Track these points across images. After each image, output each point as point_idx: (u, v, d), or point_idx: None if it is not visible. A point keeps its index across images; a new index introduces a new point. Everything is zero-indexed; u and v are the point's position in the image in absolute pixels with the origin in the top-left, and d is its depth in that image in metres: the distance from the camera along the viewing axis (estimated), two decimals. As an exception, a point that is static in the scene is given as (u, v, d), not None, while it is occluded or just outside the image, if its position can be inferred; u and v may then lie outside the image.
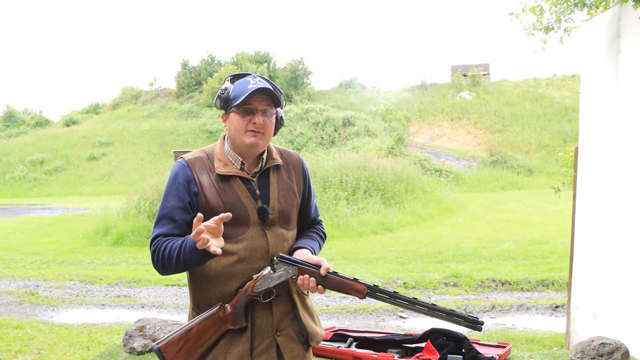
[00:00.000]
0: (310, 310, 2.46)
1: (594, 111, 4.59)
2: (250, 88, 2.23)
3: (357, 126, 32.68)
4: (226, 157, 2.33)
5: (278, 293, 2.30)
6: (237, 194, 2.28)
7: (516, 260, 9.69)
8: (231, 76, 2.38)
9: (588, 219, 4.64)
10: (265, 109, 2.27)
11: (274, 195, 2.34)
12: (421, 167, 25.55)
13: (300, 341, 2.37)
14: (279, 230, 2.33)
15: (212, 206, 2.24)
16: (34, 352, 5.64)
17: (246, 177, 2.31)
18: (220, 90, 2.31)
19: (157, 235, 2.24)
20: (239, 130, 2.26)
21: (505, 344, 4.83)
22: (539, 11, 5.11)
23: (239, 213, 2.25)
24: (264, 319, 2.28)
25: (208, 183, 2.27)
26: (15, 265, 10.85)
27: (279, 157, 2.43)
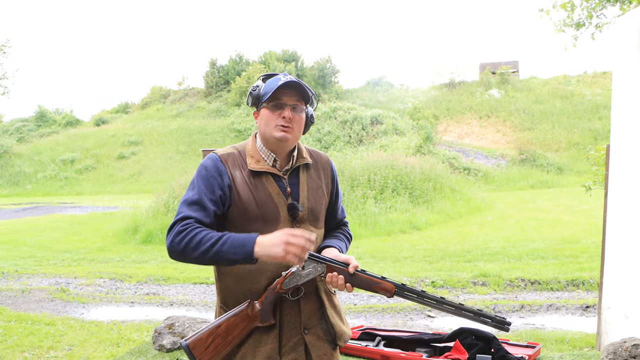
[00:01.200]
0: (338, 309, 2.45)
1: (627, 108, 4.52)
2: (280, 83, 2.24)
3: (385, 124, 32.60)
4: (258, 154, 2.34)
5: (306, 291, 2.30)
6: (269, 190, 2.28)
7: (546, 260, 9.58)
8: (263, 76, 2.39)
9: (620, 217, 4.57)
10: (295, 104, 2.28)
11: (303, 192, 2.35)
12: (449, 165, 25.41)
13: (328, 340, 2.37)
14: (309, 228, 2.33)
15: (244, 202, 2.24)
16: (65, 348, 5.71)
17: (277, 174, 2.32)
18: (252, 88, 2.33)
19: (187, 217, 2.16)
20: (269, 125, 2.27)
21: (534, 344, 4.78)
22: (570, 7, 5.05)
23: (270, 209, 2.26)
24: (292, 317, 2.29)
25: (240, 179, 2.27)
26: (47, 263, 10.99)
27: (308, 156, 2.44)
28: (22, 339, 5.97)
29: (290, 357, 2.28)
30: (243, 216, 2.25)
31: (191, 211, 2.18)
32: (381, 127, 32.51)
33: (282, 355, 2.26)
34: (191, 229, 2.13)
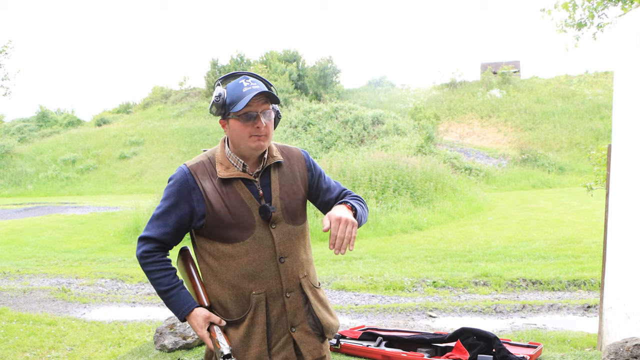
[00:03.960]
0: (324, 302, 2.48)
1: (628, 108, 4.51)
2: (246, 92, 2.23)
3: (386, 124, 32.56)
4: (227, 160, 2.34)
5: (290, 290, 2.33)
6: (240, 196, 2.30)
7: (547, 260, 9.58)
8: (221, 79, 2.37)
9: (621, 217, 4.56)
10: (264, 110, 2.27)
11: (275, 192, 2.35)
12: (451, 165, 25.36)
13: (316, 334, 2.40)
14: (286, 227, 2.34)
15: (217, 211, 2.27)
16: (67, 348, 5.71)
17: (248, 178, 2.32)
18: (214, 97, 2.28)
19: (148, 237, 2.35)
20: (243, 137, 2.27)
21: (536, 344, 4.78)
22: (572, 7, 5.05)
23: (243, 215, 2.28)
24: (278, 317, 2.32)
25: (211, 188, 2.30)
26: (48, 263, 11.01)
27: (279, 154, 2.43)
28: (24, 339, 5.98)
29: (281, 357, 2.32)
30: (218, 225, 2.29)
31: (150, 229, 2.35)
32: (382, 127, 32.48)
33: (272, 355, 2.31)
34: (150, 262, 2.34)
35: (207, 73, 46.48)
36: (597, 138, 31.43)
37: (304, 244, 2.44)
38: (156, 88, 50.83)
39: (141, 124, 41.61)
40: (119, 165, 36.16)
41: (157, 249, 2.35)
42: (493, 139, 34.44)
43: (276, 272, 2.31)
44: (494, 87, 40.44)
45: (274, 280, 2.31)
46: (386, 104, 38.84)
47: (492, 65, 44.65)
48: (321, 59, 42.72)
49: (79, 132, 42.06)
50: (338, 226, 2.15)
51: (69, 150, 38.22)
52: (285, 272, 2.32)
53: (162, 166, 34.60)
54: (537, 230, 12.80)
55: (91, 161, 36.61)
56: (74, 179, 34.94)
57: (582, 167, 27.79)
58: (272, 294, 2.30)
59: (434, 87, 43.25)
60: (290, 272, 2.34)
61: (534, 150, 31.08)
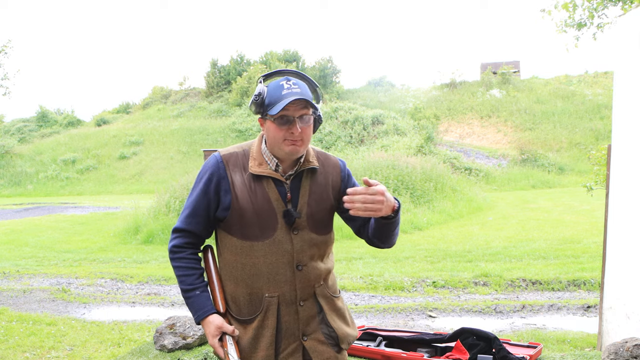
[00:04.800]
0: (341, 312, 2.42)
1: (628, 108, 4.51)
2: (284, 95, 2.17)
3: (386, 125, 32.59)
4: (261, 157, 2.29)
5: (304, 298, 2.29)
6: (268, 195, 2.25)
7: (547, 260, 9.58)
8: (263, 76, 2.31)
9: (621, 217, 4.56)
10: (302, 115, 2.19)
11: (304, 198, 2.29)
12: (451, 165, 25.38)
13: (330, 343, 2.35)
14: (309, 235, 2.29)
15: (242, 206, 2.23)
16: (67, 348, 5.71)
17: (279, 179, 2.27)
18: (254, 96, 2.24)
19: (180, 229, 2.34)
20: (277, 140, 2.21)
21: (536, 344, 4.78)
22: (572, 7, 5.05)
23: (267, 215, 2.24)
24: (290, 324, 2.28)
25: (240, 181, 2.26)
26: (48, 263, 11.00)
27: (315, 160, 2.36)
28: (24, 339, 5.98)
29: None
30: (241, 220, 2.25)
31: (182, 221, 2.34)
32: (382, 127, 32.50)
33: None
34: (178, 258, 2.34)
35: (207, 73, 46.51)
36: (597, 138, 31.44)
37: (325, 253, 2.39)
38: (156, 88, 50.85)
39: (141, 124, 41.61)
40: (118, 165, 36.17)
41: (188, 244, 2.33)
42: (493, 139, 34.45)
43: (292, 278, 2.26)
44: (493, 87, 40.46)
45: (288, 286, 2.26)
46: (386, 104, 38.86)
47: (492, 65, 44.66)
48: (321, 59, 42.81)
49: (79, 132, 42.07)
50: (372, 195, 2.08)
51: (69, 150, 38.23)
52: (301, 280, 2.28)
53: (162, 166, 34.62)
54: (537, 231, 12.80)
55: (91, 161, 36.62)
56: (74, 179, 34.96)
57: (582, 167, 27.81)
58: (285, 299, 2.27)
59: (434, 87, 43.27)
60: (306, 280, 2.29)
61: (534, 150, 31.11)
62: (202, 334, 5.01)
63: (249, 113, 37.36)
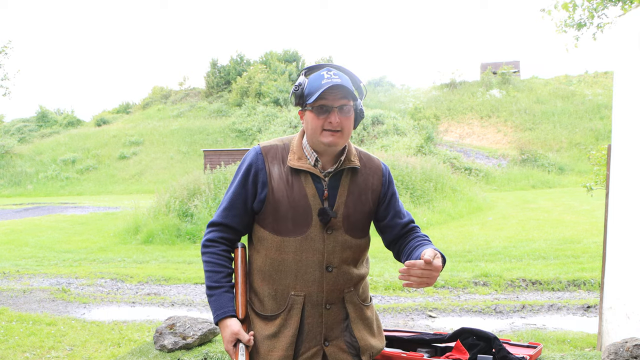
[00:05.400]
0: (369, 322, 2.35)
1: (628, 108, 4.51)
2: (324, 84, 2.12)
3: (386, 125, 32.58)
4: (301, 151, 2.24)
5: (331, 302, 2.23)
6: (305, 190, 2.20)
7: (547, 260, 9.58)
8: (306, 69, 2.27)
9: (621, 217, 4.56)
10: (342, 105, 2.14)
11: (341, 198, 2.23)
12: (450, 165, 25.38)
13: (352, 353, 2.28)
14: (343, 237, 2.23)
15: (277, 198, 2.19)
16: (67, 348, 5.71)
17: (318, 175, 2.22)
18: (294, 86, 2.21)
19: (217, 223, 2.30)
20: (315, 130, 2.16)
21: (536, 344, 4.77)
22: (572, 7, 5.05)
23: (302, 211, 2.19)
24: (314, 327, 2.22)
25: (278, 174, 2.22)
26: (48, 263, 11.00)
27: (357, 160, 2.30)
28: (24, 339, 5.97)
29: None
30: (275, 213, 2.21)
31: (219, 215, 2.29)
32: (382, 127, 32.49)
33: None
34: (209, 252, 2.29)
35: (206, 73, 46.57)
36: (597, 138, 31.45)
37: (359, 259, 2.31)
38: (156, 88, 50.90)
39: (141, 124, 41.63)
40: (118, 165, 36.19)
41: (222, 239, 2.28)
42: (493, 139, 34.46)
43: (320, 279, 2.20)
44: (493, 87, 40.48)
45: (316, 287, 2.20)
46: (386, 104, 38.87)
47: (492, 65, 44.69)
48: (321, 59, 42.77)
49: (79, 132, 42.10)
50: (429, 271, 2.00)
51: (69, 150, 38.26)
52: (329, 282, 2.21)
53: (161, 166, 34.63)
54: (537, 231, 12.79)
55: (91, 161, 36.65)
56: (74, 179, 34.98)
57: (582, 167, 27.81)
58: (311, 300, 2.20)
59: (434, 87, 43.30)
60: (335, 283, 2.22)
61: (534, 150, 31.12)
62: (202, 334, 5.00)
63: (249, 113, 37.36)
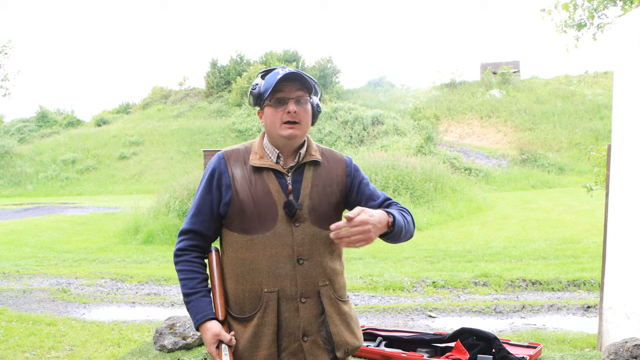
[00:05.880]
0: (346, 317, 2.34)
1: (628, 108, 4.51)
2: (280, 78, 2.17)
3: (386, 125, 32.59)
4: (263, 150, 2.29)
5: (306, 295, 2.23)
6: (268, 187, 2.23)
7: (547, 260, 9.58)
8: (262, 72, 2.32)
9: (621, 217, 4.56)
10: (298, 97, 2.20)
11: (305, 190, 2.26)
12: (450, 165, 25.38)
13: (327, 349, 2.28)
14: (311, 228, 2.24)
15: (242, 199, 2.22)
16: (67, 348, 5.71)
17: (280, 171, 2.25)
18: (251, 87, 2.27)
19: (188, 230, 2.32)
20: (275, 123, 2.21)
21: (536, 345, 4.78)
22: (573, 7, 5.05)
23: (267, 207, 2.21)
24: (291, 322, 2.23)
25: (240, 175, 2.25)
26: (48, 263, 11.00)
27: (318, 154, 2.34)
28: (23, 339, 5.97)
29: None
30: (240, 215, 2.23)
31: (189, 222, 2.33)
32: (382, 128, 32.50)
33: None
34: (181, 261, 2.32)
35: (206, 73, 46.54)
36: (597, 138, 31.45)
37: (332, 251, 2.31)
38: (156, 88, 50.88)
39: (141, 124, 41.63)
40: (118, 165, 36.19)
41: (193, 247, 2.32)
42: (493, 139, 34.46)
43: (292, 272, 2.21)
44: (493, 87, 40.47)
45: (289, 280, 2.21)
46: (386, 104, 38.87)
47: (492, 65, 44.69)
48: (321, 59, 42.80)
49: (79, 133, 42.09)
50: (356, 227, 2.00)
51: (69, 150, 38.25)
52: (302, 275, 2.22)
53: (161, 166, 34.62)
54: (536, 231, 12.79)
55: (91, 161, 36.65)
56: (74, 179, 34.97)
57: (581, 167, 27.81)
58: (285, 295, 2.21)
59: (434, 87, 43.30)
60: (308, 276, 2.23)
61: (534, 150, 31.11)
62: (202, 334, 4.99)
63: (249, 113, 37.39)
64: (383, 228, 2.09)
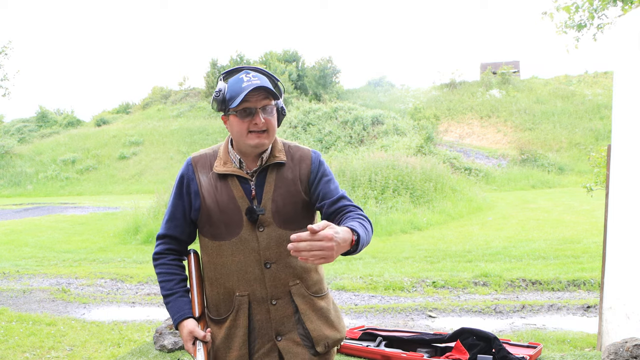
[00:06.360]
0: (323, 312, 2.34)
1: (628, 108, 4.52)
2: (245, 87, 2.15)
3: (386, 125, 32.56)
4: (227, 155, 2.29)
5: (276, 297, 2.25)
6: (232, 193, 2.24)
7: (547, 260, 9.58)
8: (224, 74, 2.31)
9: (621, 217, 4.57)
10: (264, 106, 2.18)
11: (268, 194, 2.25)
12: (450, 165, 25.36)
13: (307, 345, 2.29)
14: (277, 232, 2.24)
15: (208, 205, 2.25)
16: (66, 348, 5.71)
17: (244, 177, 2.25)
18: (214, 93, 2.23)
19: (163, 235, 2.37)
20: (241, 133, 2.19)
21: (536, 345, 4.78)
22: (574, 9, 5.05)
23: (232, 214, 2.23)
24: (263, 323, 2.25)
25: (207, 182, 2.27)
26: (48, 263, 11.00)
27: (282, 154, 2.31)
28: (23, 339, 5.98)
29: None
30: (209, 220, 2.26)
31: (164, 227, 2.36)
32: (382, 127, 32.47)
33: None
34: (159, 264, 2.36)
35: (206, 73, 46.46)
36: (597, 138, 31.43)
37: None
38: (156, 88, 50.85)
39: (141, 124, 41.60)
40: (118, 165, 36.16)
41: (169, 250, 2.36)
42: (493, 139, 34.43)
43: (261, 276, 2.23)
44: (493, 87, 40.44)
45: (258, 284, 2.23)
46: (386, 104, 38.83)
47: (492, 65, 44.66)
48: (321, 59, 42.73)
49: (79, 133, 42.06)
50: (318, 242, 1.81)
51: (69, 150, 38.22)
52: (271, 278, 2.23)
53: (161, 166, 34.60)
54: (536, 231, 12.79)
55: (91, 161, 36.61)
56: (74, 179, 34.94)
57: (581, 167, 27.79)
58: (256, 298, 2.24)
59: (434, 87, 43.26)
60: (277, 278, 2.24)
61: (534, 150, 31.08)
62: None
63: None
64: (346, 247, 1.93)
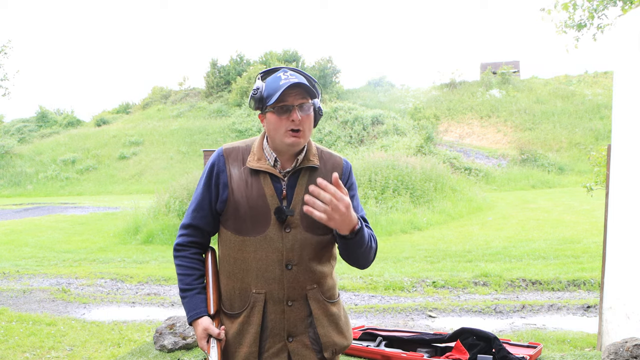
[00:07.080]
0: (334, 318, 2.36)
1: (628, 108, 4.51)
2: (282, 84, 2.15)
3: (386, 125, 32.57)
4: (261, 152, 2.28)
5: (292, 298, 2.25)
6: (263, 190, 2.23)
7: (547, 260, 9.58)
8: (262, 73, 2.30)
9: (621, 217, 4.56)
10: (301, 104, 2.18)
11: (298, 196, 2.24)
12: (450, 165, 25.37)
13: (315, 350, 2.31)
14: (302, 235, 2.24)
15: (237, 199, 2.24)
16: (66, 348, 5.71)
17: (276, 175, 2.25)
18: (252, 91, 2.24)
19: (188, 225, 2.36)
20: (278, 130, 2.19)
21: (536, 344, 4.78)
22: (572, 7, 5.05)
23: (260, 211, 2.23)
24: (277, 323, 2.26)
25: (237, 175, 2.26)
26: (48, 263, 11.00)
27: (316, 158, 2.32)
28: (23, 339, 5.98)
29: None
30: (235, 214, 2.25)
31: (188, 217, 2.37)
32: (382, 127, 32.48)
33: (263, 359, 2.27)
34: (180, 256, 2.37)
35: (206, 73, 46.50)
36: (597, 138, 31.44)
37: (322, 256, 2.31)
38: (156, 88, 50.85)
39: (141, 124, 41.61)
40: (118, 165, 36.17)
41: (192, 243, 2.36)
42: (493, 139, 34.44)
43: (280, 277, 2.23)
44: (493, 87, 40.45)
45: (276, 284, 2.23)
46: (386, 104, 38.84)
47: (492, 65, 44.67)
48: (321, 59, 42.78)
49: (79, 133, 42.06)
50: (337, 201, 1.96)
51: (69, 150, 38.23)
52: (290, 279, 2.23)
53: (161, 166, 34.61)
54: (536, 231, 12.80)
55: (91, 161, 36.62)
56: (74, 179, 34.95)
57: (581, 167, 27.80)
58: (272, 297, 2.24)
59: (434, 87, 43.26)
60: (296, 281, 2.24)
61: (534, 150, 31.10)
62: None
63: (249, 113, 37.38)
64: (347, 226, 2.04)
